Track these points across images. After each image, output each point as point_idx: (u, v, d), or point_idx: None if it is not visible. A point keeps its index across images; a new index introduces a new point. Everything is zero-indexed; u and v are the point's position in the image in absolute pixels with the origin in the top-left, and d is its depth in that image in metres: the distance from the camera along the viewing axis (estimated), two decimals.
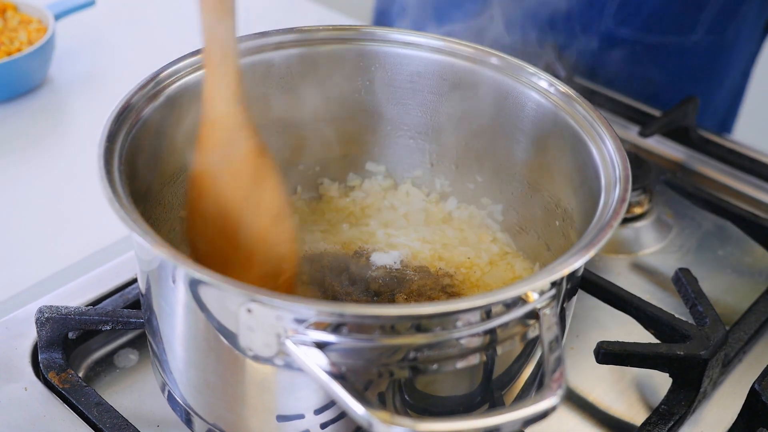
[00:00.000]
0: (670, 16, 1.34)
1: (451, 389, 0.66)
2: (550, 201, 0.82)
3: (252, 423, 0.67)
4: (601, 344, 0.82)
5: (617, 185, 0.68)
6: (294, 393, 0.64)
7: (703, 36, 1.36)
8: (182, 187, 0.82)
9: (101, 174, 0.63)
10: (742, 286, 1.00)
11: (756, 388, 0.79)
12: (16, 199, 1.06)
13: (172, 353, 0.69)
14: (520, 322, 0.63)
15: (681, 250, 1.05)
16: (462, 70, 0.83)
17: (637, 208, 1.08)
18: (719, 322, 0.84)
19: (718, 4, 1.32)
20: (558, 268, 0.61)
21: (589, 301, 0.92)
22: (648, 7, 1.33)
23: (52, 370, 0.80)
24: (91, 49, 1.38)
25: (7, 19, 1.27)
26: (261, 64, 0.82)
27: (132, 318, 0.82)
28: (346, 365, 0.59)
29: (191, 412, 0.70)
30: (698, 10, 1.33)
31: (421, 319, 0.58)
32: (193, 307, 0.62)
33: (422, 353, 0.60)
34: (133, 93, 0.72)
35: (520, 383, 0.71)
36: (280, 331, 0.57)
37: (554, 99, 0.79)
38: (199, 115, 0.74)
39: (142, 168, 0.72)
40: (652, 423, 0.80)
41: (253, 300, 0.56)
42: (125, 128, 0.69)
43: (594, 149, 0.73)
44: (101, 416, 0.76)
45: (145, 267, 0.68)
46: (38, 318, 0.80)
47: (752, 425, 0.80)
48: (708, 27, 1.35)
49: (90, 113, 1.24)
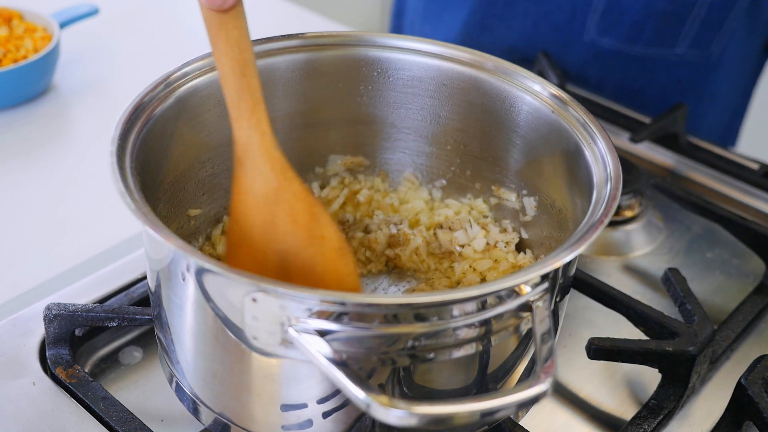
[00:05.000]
0: (652, 28, 1.35)
1: (448, 381, 0.68)
2: (545, 201, 0.85)
3: (257, 412, 0.69)
4: (592, 340, 0.84)
5: (608, 184, 0.70)
6: (297, 382, 0.66)
7: (687, 50, 1.37)
8: (191, 186, 0.84)
9: (114, 169, 0.65)
10: (730, 288, 1.02)
11: (743, 382, 0.80)
12: (22, 202, 1.08)
13: (180, 345, 0.71)
14: (514, 314, 0.65)
15: (671, 252, 1.07)
16: (460, 74, 0.85)
17: (628, 211, 1.10)
18: (707, 320, 0.86)
19: (699, 17, 1.33)
20: (549, 262, 0.63)
21: (581, 301, 0.94)
22: (629, 18, 1.34)
23: (60, 366, 0.82)
24: (95, 57, 1.40)
25: (13, 28, 1.29)
26: (264, 69, 0.84)
27: (138, 315, 0.83)
28: (347, 353, 0.61)
29: (198, 401, 0.72)
30: (679, 23, 1.34)
31: (418, 308, 0.60)
32: (201, 298, 0.64)
33: (420, 342, 0.62)
34: (144, 94, 0.74)
35: (514, 377, 0.73)
36: (284, 319, 0.59)
37: (548, 102, 0.81)
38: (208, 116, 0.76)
39: (152, 167, 0.74)
40: (642, 417, 0.82)
41: (259, 289, 0.59)
42: (137, 128, 0.71)
43: (586, 150, 0.75)
44: (107, 410, 0.77)
45: (156, 266, 0.70)
46: (46, 315, 0.82)
47: (739, 419, 0.82)
48: (692, 40, 1.36)
49: (93, 119, 1.26)
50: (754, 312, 0.97)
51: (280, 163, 0.70)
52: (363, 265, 0.88)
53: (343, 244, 0.73)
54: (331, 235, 0.72)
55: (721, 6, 1.33)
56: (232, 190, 0.72)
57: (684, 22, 1.34)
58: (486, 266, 0.86)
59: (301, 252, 0.71)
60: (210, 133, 0.84)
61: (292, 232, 0.71)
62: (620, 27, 1.36)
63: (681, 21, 1.34)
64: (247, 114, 0.69)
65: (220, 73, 0.68)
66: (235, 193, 0.72)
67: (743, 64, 1.47)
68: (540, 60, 1.37)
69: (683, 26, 1.34)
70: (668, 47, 1.37)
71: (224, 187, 0.89)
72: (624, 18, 1.35)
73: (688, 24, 1.34)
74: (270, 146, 0.70)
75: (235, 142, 0.70)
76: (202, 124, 0.82)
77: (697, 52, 1.38)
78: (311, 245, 0.71)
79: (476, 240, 0.88)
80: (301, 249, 0.71)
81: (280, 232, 0.71)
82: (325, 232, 0.72)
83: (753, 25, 1.41)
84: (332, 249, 0.72)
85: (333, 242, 0.72)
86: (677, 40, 1.36)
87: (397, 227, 0.90)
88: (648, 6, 1.32)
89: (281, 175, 0.70)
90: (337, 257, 0.72)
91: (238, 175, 0.71)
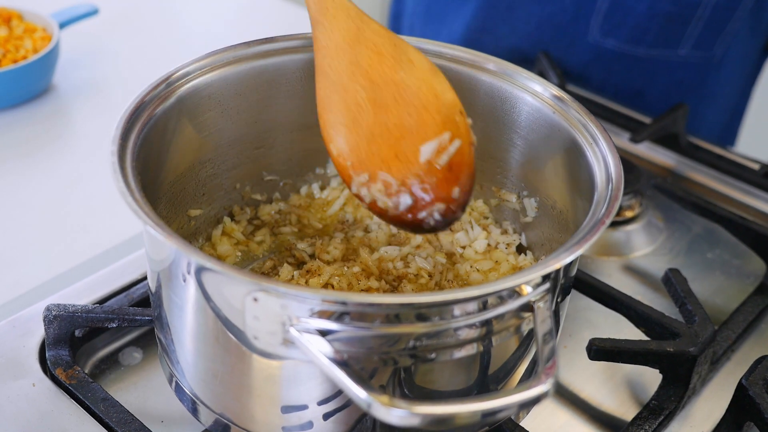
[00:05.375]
0: (656, 30, 1.35)
1: (449, 381, 0.68)
2: (546, 202, 0.85)
3: (257, 412, 0.69)
4: (593, 341, 0.84)
5: (610, 184, 0.70)
6: (298, 383, 0.66)
7: (690, 51, 1.37)
8: (191, 186, 0.84)
9: (114, 169, 0.65)
10: (731, 288, 1.02)
11: (743, 383, 0.80)
12: (22, 203, 1.08)
13: (180, 345, 0.71)
14: (515, 315, 0.65)
15: (671, 252, 1.07)
16: (460, 74, 0.85)
17: (629, 211, 1.10)
18: (708, 320, 0.86)
19: (703, 19, 1.33)
20: (550, 263, 0.62)
21: (581, 301, 0.94)
22: (633, 19, 1.35)
23: (59, 367, 0.82)
24: (94, 57, 1.40)
25: (12, 28, 1.29)
26: (265, 69, 0.84)
27: (138, 315, 0.83)
28: (349, 353, 0.61)
29: (198, 401, 0.72)
30: (683, 24, 1.34)
31: (419, 308, 0.60)
32: (202, 298, 0.64)
33: (421, 342, 0.62)
34: (145, 93, 0.74)
35: (516, 378, 0.73)
36: (285, 319, 0.59)
37: (549, 102, 0.80)
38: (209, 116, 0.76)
39: (152, 167, 0.74)
40: (642, 418, 0.82)
41: (260, 289, 0.59)
42: (137, 128, 0.71)
43: (587, 150, 0.75)
44: (107, 411, 0.77)
45: (156, 266, 0.70)
46: (46, 315, 0.82)
47: (740, 420, 0.81)
48: (695, 41, 1.36)
49: (94, 119, 1.26)
50: (755, 312, 0.97)
51: (354, 10, 0.75)
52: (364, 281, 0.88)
53: (433, 66, 0.76)
54: (419, 58, 0.75)
55: (725, 7, 1.33)
56: (314, 51, 0.77)
57: (688, 24, 1.34)
58: (487, 267, 0.86)
59: (393, 78, 0.74)
60: (211, 133, 0.84)
61: (380, 62, 0.74)
62: (624, 28, 1.36)
63: (685, 22, 1.34)
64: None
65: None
66: (317, 51, 0.76)
67: (744, 65, 1.48)
68: (540, 60, 1.37)
69: (687, 27, 1.34)
70: (671, 48, 1.37)
71: (225, 188, 0.89)
72: (628, 19, 1.35)
73: (691, 25, 1.34)
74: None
75: (309, 5, 0.76)
76: (203, 124, 0.82)
77: (700, 53, 1.38)
78: (401, 69, 0.74)
79: (477, 241, 0.88)
80: (392, 75, 0.74)
81: (367, 66, 0.74)
82: (413, 57, 0.75)
83: (755, 26, 1.41)
84: (423, 69, 0.75)
85: (423, 63, 0.75)
86: (680, 41, 1.36)
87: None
88: (652, 7, 1.33)
89: (358, 18, 0.76)
90: (431, 75, 0.75)
91: (317, 35, 0.76)
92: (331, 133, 0.75)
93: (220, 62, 0.81)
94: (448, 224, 0.75)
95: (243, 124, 0.86)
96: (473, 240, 0.88)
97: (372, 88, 0.74)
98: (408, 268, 0.84)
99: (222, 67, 0.81)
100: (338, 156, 0.75)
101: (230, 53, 0.82)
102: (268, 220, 0.92)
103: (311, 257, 0.86)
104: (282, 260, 0.87)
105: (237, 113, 0.85)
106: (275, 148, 0.91)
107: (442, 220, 0.74)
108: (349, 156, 0.75)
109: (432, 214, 0.74)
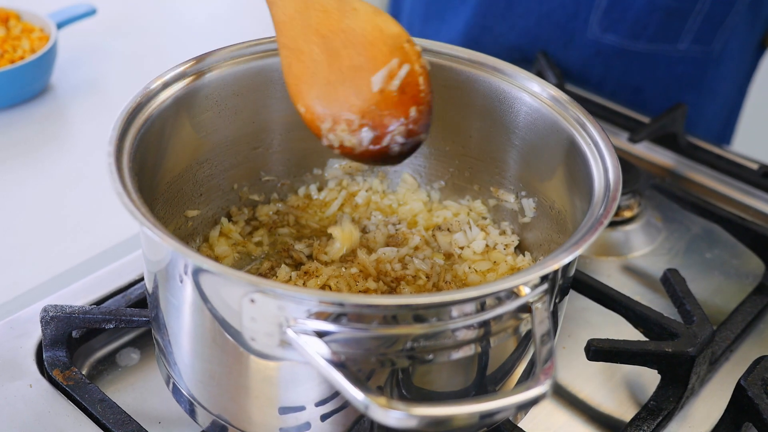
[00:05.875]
0: (655, 24, 1.35)
1: (447, 383, 0.68)
2: (544, 202, 0.85)
3: (254, 414, 0.69)
4: (591, 342, 0.84)
5: (609, 185, 0.70)
6: (295, 384, 0.66)
7: (689, 45, 1.38)
8: (188, 187, 0.84)
9: (111, 170, 0.64)
10: (730, 288, 1.02)
11: (742, 383, 0.80)
12: (19, 203, 1.08)
13: (177, 346, 0.70)
14: (513, 316, 0.65)
15: (670, 252, 1.07)
16: (459, 74, 0.85)
17: (627, 211, 1.10)
18: (706, 321, 0.86)
19: (702, 13, 1.34)
20: (548, 264, 0.62)
21: (580, 302, 0.94)
22: (633, 14, 1.35)
23: (57, 368, 0.81)
24: (92, 57, 1.40)
25: (10, 28, 1.29)
26: (264, 69, 0.84)
27: (135, 316, 0.83)
28: (346, 354, 0.61)
29: (195, 403, 0.72)
30: (682, 19, 1.35)
31: (417, 309, 0.60)
32: (199, 299, 0.64)
33: (419, 343, 0.62)
34: (142, 93, 0.73)
35: (513, 380, 0.72)
36: (282, 320, 0.59)
37: (547, 102, 0.80)
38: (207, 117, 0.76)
39: (149, 167, 0.74)
40: (641, 419, 0.82)
41: (257, 290, 0.58)
42: (134, 128, 0.71)
43: (586, 150, 0.75)
44: (105, 412, 0.77)
45: (153, 267, 0.70)
46: (43, 316, 0.82)
47: (738, 420, 0.81)
48: (694, 36, 1.37)
49: (91, 120, 1.26)
50: (754, 313, 0.96)
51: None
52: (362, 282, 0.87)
53: (376, 8, 0.80)
54: (362, 4, 0.80)
55: (724, 0, 1.33)
56: (275, 30, 0.79)
57: (687, 18, 1.34)
58: (485, 268, 0.86)
59: (340, 27, 0.78)
60: (208, 133, 0.84)
61: (327, 18, 0.78)
62: (623, 23, 1.36)
63: (684, 16, 1.34)
64: None
65: None
66: (276, 29, 0.79)
67: (741, 60, 1.48)
68: (539, 60, 1.37)
69: (686, 21, 1.35)
70: (671, 43, 1.37)
71: (222, 188, 0.89)
72: (627, 14, 1.35)
73: (691, 19, 1.34)
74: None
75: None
76: (200, 124, 0.82)
77: (699, 47, 1.38)
78: (346, 18, 0.78)
79: (476, 242, 0.87)
80: (339, 25, 0.78)
81: (317, 25, 0.78)
82: (356, 5, 0.79)
83: (753, 21, 1.42)
84: (367, 12, 0.79)
85: (366, 7, 0.80)
86: (680, 35, 1.36)
87: (395, 227, 0.90)
88: (652, 2, 1.33)
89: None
90: (374, 15, 0.79)
91: (274, 14, 0.79)
92: (296, 94, 0.79)
93: (217, 62, 0.81)
94: (414, 147, 0.80)
95: (241, 125, 0.86)
96: (471, 240, 0.88)
97: (323, 42, 0.78)
98: (406, 269, 0.83)
99: (219, 67, 0.81)
100: (306, 112, 0.79)
101: (228, 53, 0.82)
102: (265, 220, 0.92)
103: (309, 258, 0.86)
104: (280, 261, 0.87)
105: (235, 113, 0.85)
106: (273, 149, 0.91)
107: (406, 142, 0.78)
108: (315, 108, 0.79)
109: (395, 139, 0.78)
